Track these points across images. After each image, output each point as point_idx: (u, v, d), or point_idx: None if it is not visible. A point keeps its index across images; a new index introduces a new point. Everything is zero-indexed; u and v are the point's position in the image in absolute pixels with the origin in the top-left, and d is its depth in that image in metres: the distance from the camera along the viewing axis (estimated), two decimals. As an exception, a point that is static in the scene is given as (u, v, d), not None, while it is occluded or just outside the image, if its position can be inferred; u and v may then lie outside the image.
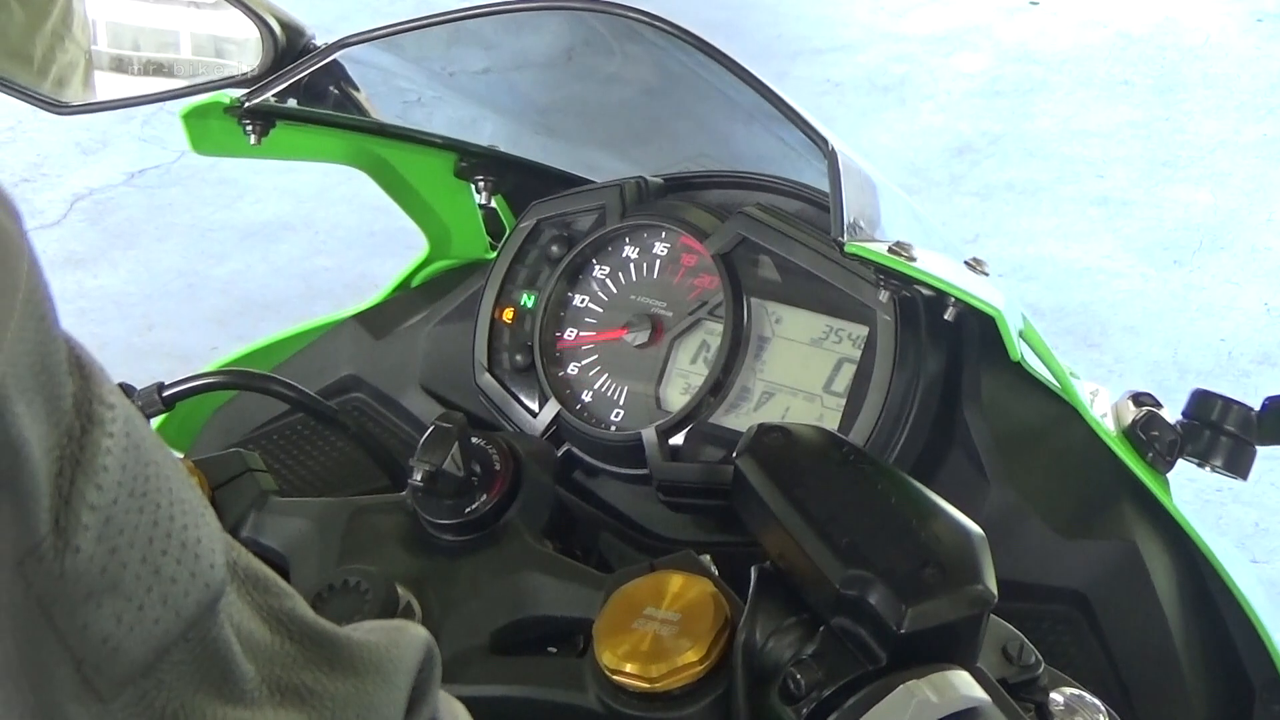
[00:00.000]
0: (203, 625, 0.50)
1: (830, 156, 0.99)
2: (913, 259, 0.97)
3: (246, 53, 1.26)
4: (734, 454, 0.88)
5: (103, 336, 3.58)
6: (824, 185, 1.04)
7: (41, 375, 0.44)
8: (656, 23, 1.05)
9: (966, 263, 1.05)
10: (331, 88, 1.29)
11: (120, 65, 1.33)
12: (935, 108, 4.74)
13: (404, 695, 0.59)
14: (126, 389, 1.08)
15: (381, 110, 1.34)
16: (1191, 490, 1.13)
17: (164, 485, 0.49)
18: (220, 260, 4.02)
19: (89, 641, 0.46)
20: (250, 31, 1.24)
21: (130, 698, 0.48)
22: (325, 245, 4.06)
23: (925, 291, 1.02)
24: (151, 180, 4.39)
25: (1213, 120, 4.57)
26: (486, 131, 1.42)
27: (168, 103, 1.29)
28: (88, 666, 0.46)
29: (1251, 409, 1.10)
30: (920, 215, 1.17)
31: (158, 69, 1.34)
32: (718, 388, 1.12)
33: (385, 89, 1.36)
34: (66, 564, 0.44)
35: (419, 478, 1.00)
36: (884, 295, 1.05)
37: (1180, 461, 1.11)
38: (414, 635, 0.62)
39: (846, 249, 0.97)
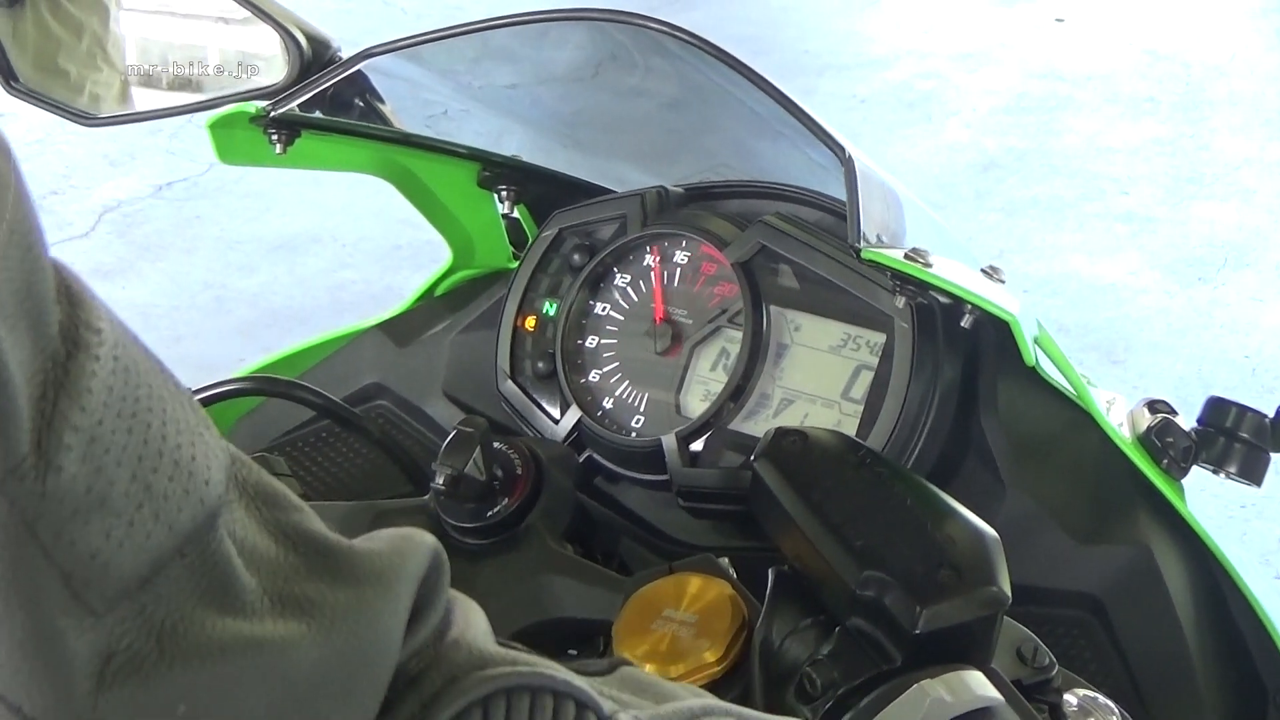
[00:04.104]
0: (200, 540, 0.51)
1: (847, 164, 1.00)
2: (928, 265, 0.98)
3: (273, 66, 1.27)
4: (751, 457, 0.89)
5: (131, 348, 3.59)
6: (843, 195, 1.05)
7: (27, 302, 0.46)
8: (677, 33, 1.07)
9: (983, 270, 1.05)
10: (356, 99, 1.30)
11: (149, 79, 1.34)
12: (961, 124, 4.73)
13: (406, 602, 0.59)
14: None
15: (408, 122, 1.35)
16: (1216, 506, 1.13)
17: (157, 406, 0.50)
18: (248, 272, 4.04)
19: (77, 557, 0.47)
20: (278, 45, 1.26)
21: (127, 611, 0.49)
22: (352, 258, 4.07)
23: (942, 298, 1.03)
24: (179, 193, 4.41)
25: (1238, 137, 4.56)
26: (510, 142, 1.43)
27: (195, 115, 1.31)
28: (77, 581, 0.47)
29: (1266, 416, 1.09)
30: (938, 224, 1.17)
31: (186, 82, 1.35)
32: (737, 394, 1.12)
33: (412, 101, 1.37)
34: (49, 483, 0.46)
35: (441, 481, 1.01)
36: (900, 301, 1.06)
37: (1198, 471, 1.11)
38: (419, 542, 0.62)
39: (863, 255, 0.98)
